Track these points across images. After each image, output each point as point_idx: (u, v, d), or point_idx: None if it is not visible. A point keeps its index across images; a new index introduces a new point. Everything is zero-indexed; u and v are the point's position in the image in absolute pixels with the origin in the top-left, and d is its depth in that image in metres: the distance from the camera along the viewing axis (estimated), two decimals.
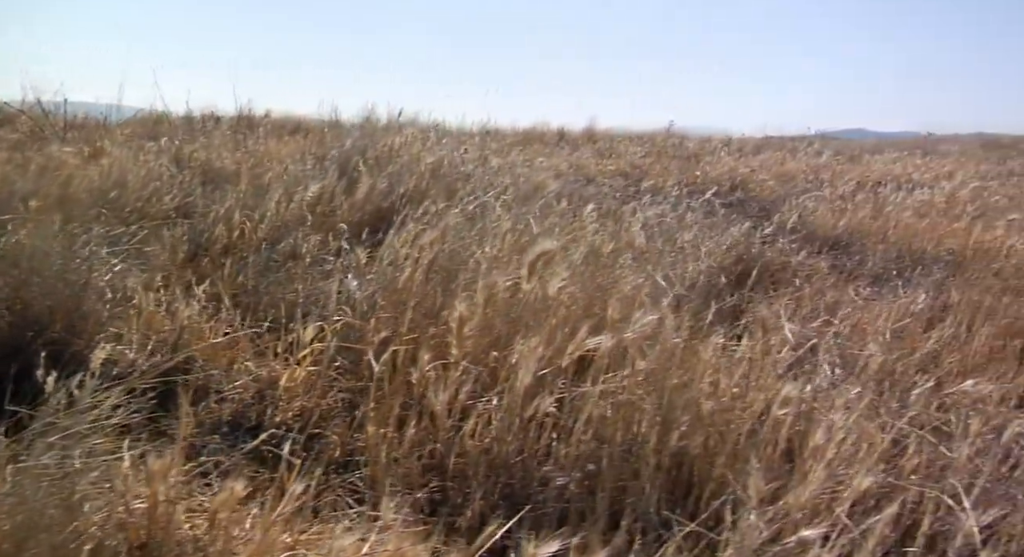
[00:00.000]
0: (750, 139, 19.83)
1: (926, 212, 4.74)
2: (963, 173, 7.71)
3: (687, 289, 2.52)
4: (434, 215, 2.49)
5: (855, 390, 1.62)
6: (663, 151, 9.60)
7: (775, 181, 6.37)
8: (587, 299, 1.91)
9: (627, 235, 2.84)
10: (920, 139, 16.99)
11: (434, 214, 2.50)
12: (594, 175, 6.57)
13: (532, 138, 13.39)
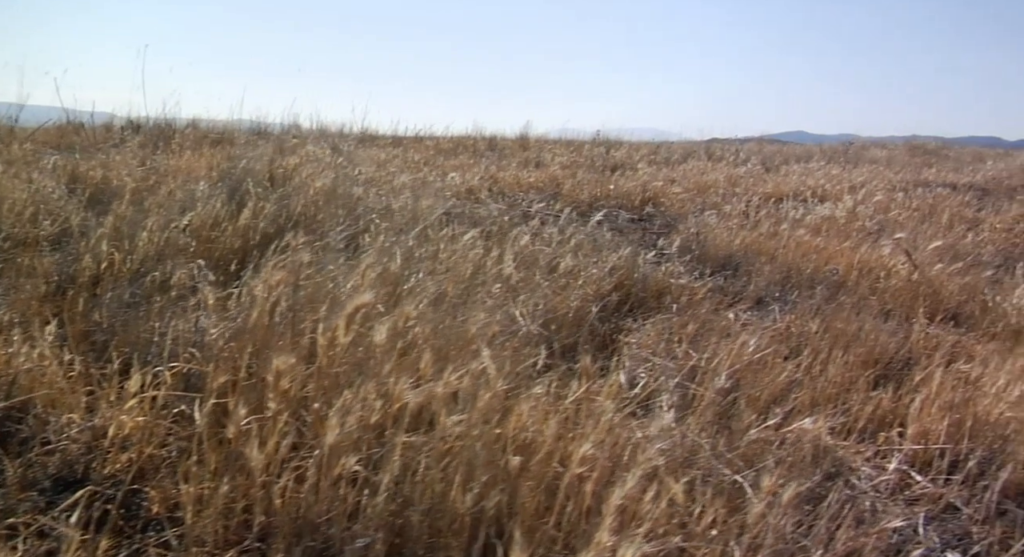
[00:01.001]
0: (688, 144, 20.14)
1: (824, 229, 4.82)
2: (875, 184, 7.85)
3: (552, 322, 2.52)
4: (294, 249, 2.44)
5: (677, 436, 1.63)
6: (589, 161, 9.63)
7: (689, 194, 6.42)
8: (427, 344, 1.88)
9: (500, 264, 2.82)
10: (847, 144, 17.34)
11: (294, 248, 2.44)
12: (510, 189, 6.55)
13: (465, 145, 13.37)
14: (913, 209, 6.05)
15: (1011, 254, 4.80)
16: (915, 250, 4.16)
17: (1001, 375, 2.23)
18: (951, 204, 6.51)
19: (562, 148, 12.43)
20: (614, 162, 9.71)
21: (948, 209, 6.15)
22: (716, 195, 6.40)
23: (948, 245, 4.43)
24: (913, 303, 3.21)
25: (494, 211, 4.66)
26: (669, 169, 9.21)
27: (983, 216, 5.99)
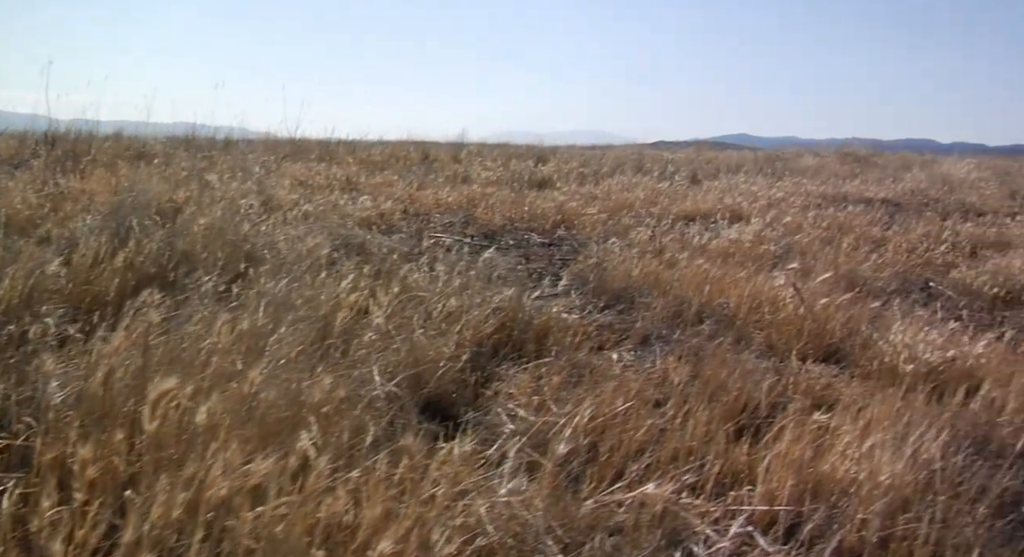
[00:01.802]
0: (630, 148, 20.35)
1: (727, 255, 4.86)
2: (793, 200, 7.97)
3: (419, 376, 2.48)
4: (149, 305, 2.35)
5: (506, 513, 1.60)
6: (516, 176, 9.61)
7: (605, 214, 6.43)
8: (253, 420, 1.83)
9: (376, 309, 2.77)
10: (774, 157, 17.60)
11: (149, 305, 2.35)
12: (428, 209, 6.49)
13: (398, 157, 13.25)
14: (823, 229, 6.14)
15: (908, 278, 4.90)
16: (811, 278, 4.22)
17: (859, 425, 2.26)
18: (861, 223, 6.63)
19: (493, 161, 12.41)
20: (541, 177, 9.71)
21: (856, 229, 6.26)
22: (632, 215, 6.42)
23: (846, 272, 4.50)
24: (797, 339, 3.25)
25: (395, 242, 4.60)
26: (594, 184, 9.25)
27: (890, 235, 6.10)
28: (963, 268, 5.08)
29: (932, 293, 4.63)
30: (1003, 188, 11.62)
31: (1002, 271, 4.82)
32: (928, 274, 5.08)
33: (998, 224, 7.03)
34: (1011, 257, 5.34)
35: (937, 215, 7.60)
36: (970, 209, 8.05)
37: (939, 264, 5.46)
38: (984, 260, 5.47)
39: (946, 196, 10.31)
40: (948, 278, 4.94)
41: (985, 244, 6.06)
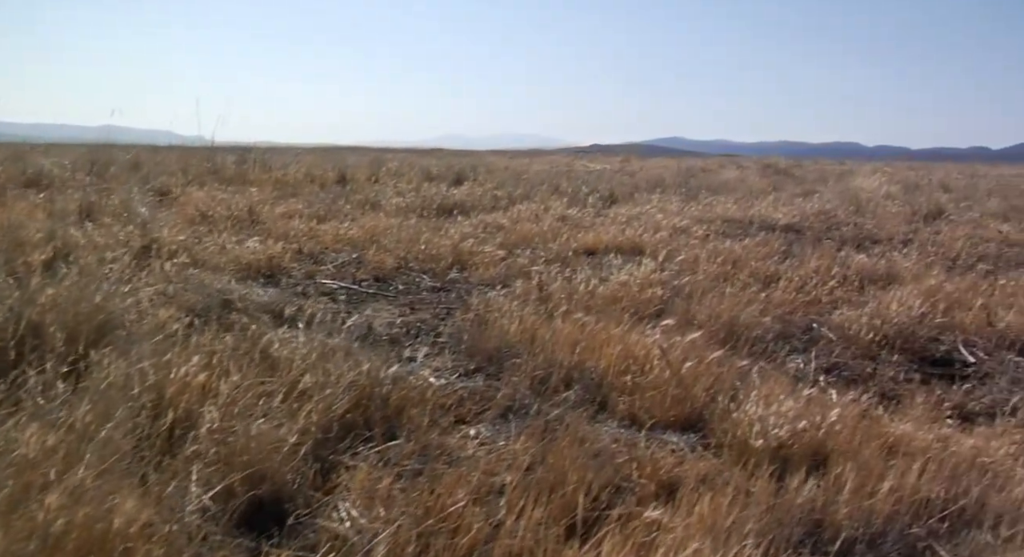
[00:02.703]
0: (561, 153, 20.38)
1: (615, 299, 4.86)
2: (696, 229, 8.05)
3: (252, 476, 2.39)
4: None
5: None
6: (426, 201, 9.55)
7: (504, 251, 6.41)
8: None
9: (214, 400, 2.67)
10: (701, 162, 17.87)
11: None
12: (327, 248, 6.39)
13: (314, 177, 13.08)
14: (718, 264, 6.21)
15: (792, 321, 4.95)
16: (692, 328, 4.25)
17: (689, 520, 2.25)
18: (758, 255, 6.73)
19: (408, 182, 12.33)
20: (452, 202, 9.67)
21: (752, 263, 6.34)
22: (531, 251, 6.42)
23: (728, 320, 4.52)
24: (660, 406, 3.24)
25: (273, 296, 4.48)
26: (504, 210, 9.24)
27: (783, 270, 6.19)
28: (844, 309, 5.16)
29: (813, 337, 4.70)
30: (906, 207, 11.96)
31: (880, 313, 4.91)
32: (813, 314, 5.15)
33: (889, 254, 7.21)
34: (892, 294, 5.45)
35: (835, 243, 7.77)
36: (868, 236, 8.25)
37: (827, 302, 5.55)
38: (870, 297, 5.57)
39: (852, 217, 10.58)
40: (831, 319, 5.02)
41: (874, 277, 6.20)
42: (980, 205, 13.33)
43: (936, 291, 5.54)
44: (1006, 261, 7.46)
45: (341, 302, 4.74)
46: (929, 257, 7.08)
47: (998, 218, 11.63)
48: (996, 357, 4.54)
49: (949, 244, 7.74)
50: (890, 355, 4.46)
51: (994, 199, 15.02)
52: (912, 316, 4.93)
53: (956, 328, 4.95)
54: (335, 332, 3.82)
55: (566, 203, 10.55)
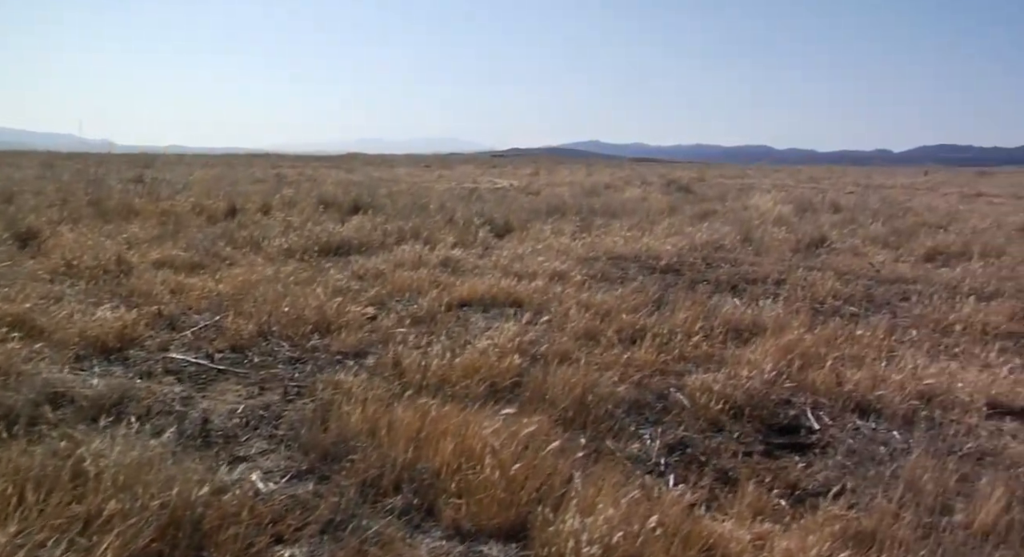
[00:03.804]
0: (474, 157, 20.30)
1: (473, 371, 4.80)
2: (575, 273, 8.09)
3: None
4: None
5: None
6: (314, 239, 9.40)
7: (376, 306, 6.33)
8: None
9: None
10: (605, 180, 18.08)
11: None
12: (190, 307, 6.20)
13: (204, 207, 12.72)
14: (589, 317, 6.23)
15: (647, 388, 4.98)
16: (543, 405, 4.25)
17: None
18: (632, 304, 6.79)
19: (300, 213, 12.13)
20: (340, 240, 9.53)
21: (623, 314, 6.39)
22: (406, 302, 6.35)
23: (579, 395, 4.53)
24: (488, 511, 3.21)
25: (107, 385, 4.29)
26: (389, 251, 9.16)
27: (652, 323, 6.24)
28: (701, 371, 5.24)
29: (667, 406, 4.75)
30: (792, 235, 12.27)
31: (731, 379, 4.99)
32: (673, 376, 5.21)
33: (760, 299, 7.37)
34: (750, 351, 5.56)
35: (711, 286, 7.91)
36: (744, 276, 8.42)
37: (692, 357, 5.63)
38: (730, 355, 5.65)
39: (738, 247, 10.82)
40: (689, 381, 5.06)
41: (740, 328, 6.32)
42: (864, 228, 13.82)
43: (794, 346, 5.67)
44: (872, 302, 7.71)
45: (187, 383, 4.59)
46: (797, 301, 7.25)
47: (878, 244, 12.08)
48: (840, 422, 4.67)
49: (820, 284, 7.96)
50: (738, 424, 4.54)
51: (879, 219, 15.60)
52: (765, 379, 5.04)
53: (808, 389, 5.08)
54: (166, 429, 3.68)
55: (457, 235, 10.53)
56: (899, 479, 3.78)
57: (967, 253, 11.32)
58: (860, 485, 3.81)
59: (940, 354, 6.04)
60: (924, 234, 13.37)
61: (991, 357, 5.94)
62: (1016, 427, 4.70)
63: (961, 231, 14.60)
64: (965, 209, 19.42)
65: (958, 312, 7.09)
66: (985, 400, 5.00)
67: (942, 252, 11.54)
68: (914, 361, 5.54)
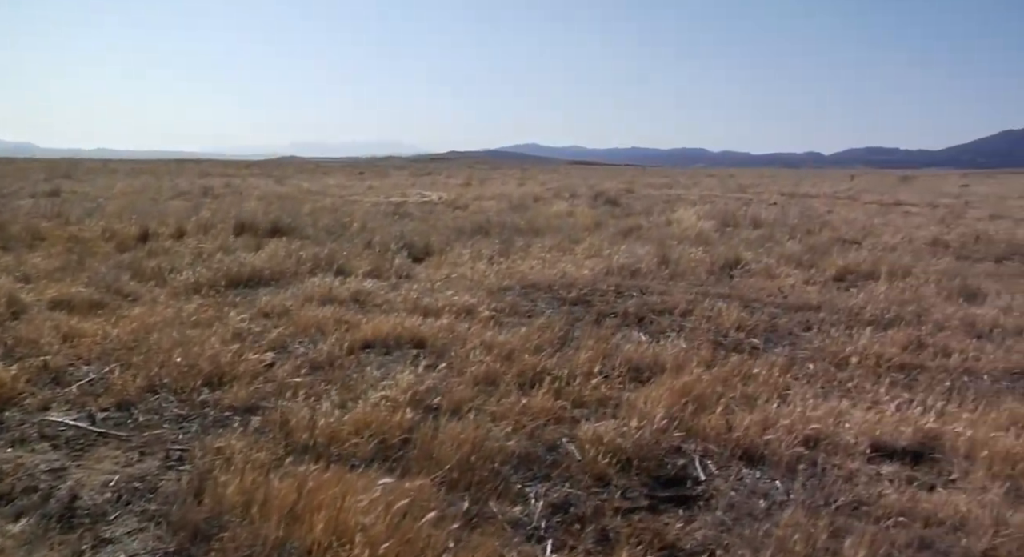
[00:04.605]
0: (413, 163, 20.20)
1: (364, 424, 4.76)
2: (484, 307, 8.07)
3: None
4: None
5: None
6: (220, 272, 9.23)
7: (276, 350, 6.23)
8: None
9: None
10: (534, 191, 18.10)
11: None
12: (79, 358, 6.01)
13: (114, 230, 12.39)
14: (492, 358, 6.21)
15: (539, 439, 4.96)
16: (428, 463, 4.22)
17: None
18: (537, 341, 6.79)
19: (214, 240, 11.92)
20: (252, 271, 9.38)
21: (527, 355, 6.38)
22: (309, 344, 6.25)
23: (465, 455, 4.52)
24: None
25: None
26: (300, 282, 9.04)
27: (554, 364, 6.24)
28: (594, 419, 5.27)
29: (557, 459, 4.76)
30: (711, 254, 12.45)
31: (620, 429, 5.03)
32: (567, 424, 5.21)
33: (665, 332, 7.46)
34: (645, 395, 5.60)
35: (619, 318, 7.98)
36: (653, 307, 8.50)
37: (592, 401, 5.66)
38: (625, 400, 5.68)
39: (654, 270, 10.94)
40: (582, 430, 5.07)
41: (640, 367, 6.38)
42: (780, 246, 14.10)
43: (691, 387, 5.73)
44: (776, 332, 7.85)
45: (63, 449, 4.44)
46: (701, 335, 7.37)
47: (792, 263, 12.32)
48: (726, 471, 4.73)
49: (725, 314, 8.08)
50: (626, 477, 4.57)
51: (797, 235, 15.95)
52: (656, 427, 5.08)
53: (699, 435, 5.14)
54: (28, 512, 3.57)
55: (374, 262, 10.46)
56: (771, 538, 3.85)
57: (875, 273, 11.62)
58: (735, 544, 3.87)
59: (834, 390, 6.16)
60: (837, 252, 13.69)
61: (881, 392, 6.06)
62: (895, 470, 4.81)
63: (874, 247, 15.03)
64: (881, 223, 19.98)
65: (855, 343, 7.26)
66: (869, 441, 5.11)
67: (852, 271, 11.82)
68: (804, 401, 5.65)
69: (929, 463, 4.98)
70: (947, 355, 7.23)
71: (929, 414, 5.56)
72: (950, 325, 8.42)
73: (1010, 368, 6.93)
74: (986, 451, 4.94)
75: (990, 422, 5.43)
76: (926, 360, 7.06)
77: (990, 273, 12.33)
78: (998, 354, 7.25)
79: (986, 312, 9.04)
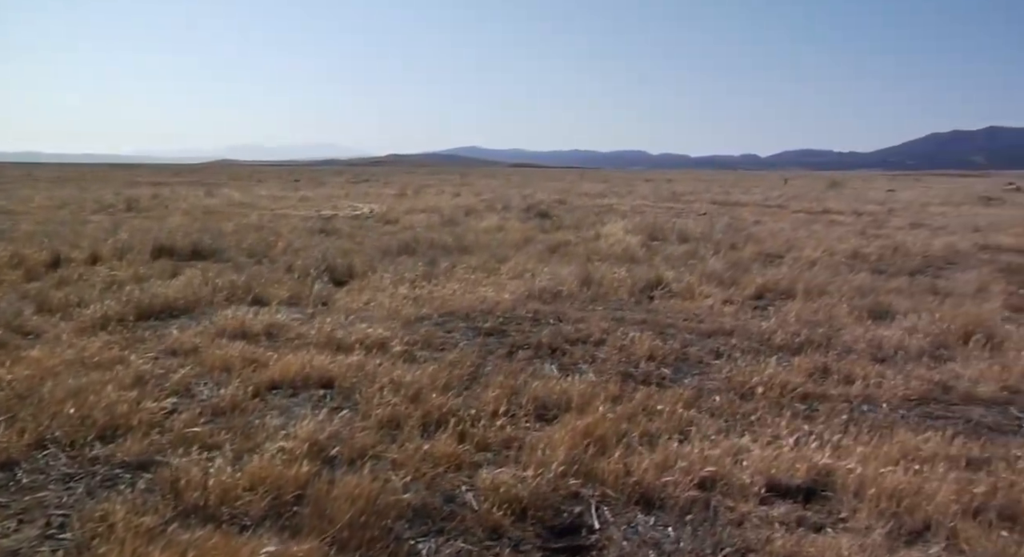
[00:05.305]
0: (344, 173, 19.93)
1: (259, 480, 4.69)
2: (397, 341, 8.02)
3: None
4: None
5: None
6: (129, 306, 9.02)
7: (180, 393, 6.11)
8: None
9: None
10: (467, 201, 18.04)
11: None
12: None
13: (22, 256, 12.02)
14: (399, 399, 6.17)
15: (437, 489, 4.94)
16: (322, 521, 4.18)
17: None
18: (447, 379, 6.79)
19: (128, 265, 11.64)
20: (163, 302, 9.19)
21: (435, 394, 6.37)
22: (214, 386, 6.12)
23: (362, 508, 4.49)
24: None
25: None
26: (216, 312, 8.88)
27: (461, 403, 6.23)
28: (495, 466, 5.27)
29: (455, 510, 4.74)
30: (634, 274, 12.55)
31: (523, 472, 5.04)
32: (468, 472, 5.19)
33: (578, 364, 7.52)
34: (548, 436, 5.62)
35: (532, 350, 8.01)
36: (568, 336, 8.53)
37: (495, 444, 5.65)
38: (531, 439, 5.68)
39: (576, 292, 11.00)
40: (481, 478, 5.05)
41: (548, 405, 6.40)
42: (703, 263, 14.29)
43: (594, 426, 5.77)
44: (687, 361, 7.95)
45: None
46: (612, 366, 7.44)
47: (713, 281, 12.50)
48: (621, 518, 4.76)
49: (639, 343, 8.17)
50: (520, 528, 4.58)
51: (721, 250, 16.20)
52: (555, 472, 5.09)
53: (599, 479, 5.17)
54: None
55: (293, 288, 10.34)
56: None
57: (793, 291, 11.87)
58: None
59: (737, 423, 6.23)
60: (758, 268, 13.96)
61: (782, 425, 6.15)
62: (786, 511, 4.89)
63: (796, 261, 15.34)
64: (805, 235, 20.42)
65: (761, 373, 7.38)
66: (764, 481, 5.18)
67: (771, 290, 12.06)
68: (705, 439, 5.72)
69: (821, 501, 5.08)
70: (850, 382, 7.40)
71: (825, 449, 5.68)
72: (857, 348, 8.64)
73: (908, 395, 7.12)
74: (874, 488, 5.06)
75: (881, 456, 5.57)
76: (829, 388, 7.21)
77: (902, 289, 12.66)
78: (898, 380, 7.44)
79: (892, 333, 9.28)
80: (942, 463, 5.50)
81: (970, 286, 12.95)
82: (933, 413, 6.77)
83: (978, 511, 4.83)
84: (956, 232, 22.74)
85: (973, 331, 9.25)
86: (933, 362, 8.26)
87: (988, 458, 5.71)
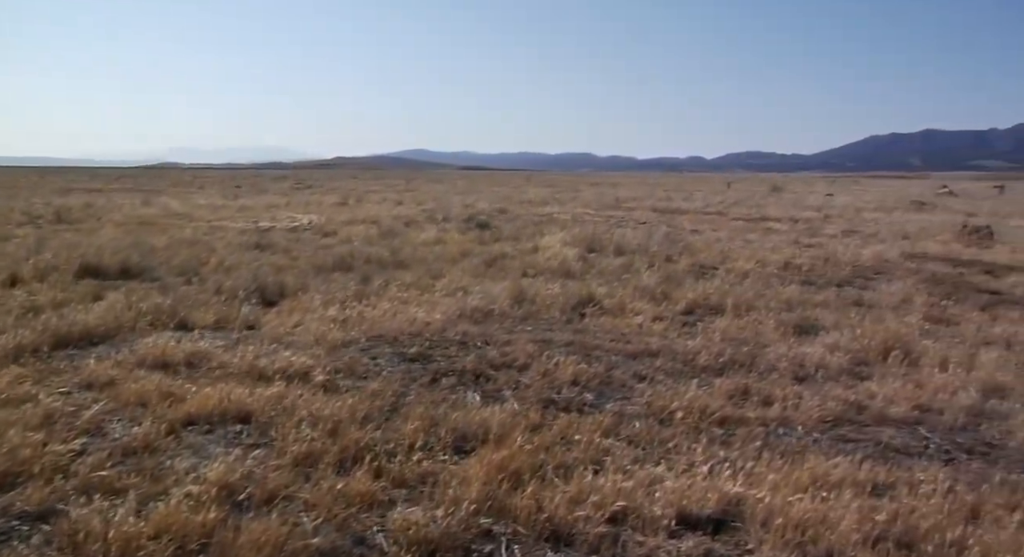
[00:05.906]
0: (288, 179, 19.63)
1: (165, 528, 4.62)
2: (319, 371, 7.96)
3: None
4: None
5: None
6: (45, 335, 8.79)
7: (89, 432, 5.99)
8: None
9: None
10: (418, 211, 17.97)
11: None
12: None
13: None
14: (318, 434, 6.12)
15: (348, 531, 4.89)
16: None
17: None
18: (365, 410, 6.76)
19: (51, 286, 11.37)
20: (82, 328, 8.98)
21: (353, 428, 6.34)
22: (128, 422, 6.01)
23: (271, 553, 4.47)
24: None
25: None
26: (138, 337, 8.71)
27: (379, 438, 6.21)
28: (409, 504, 5.26)
29: (365, 554, 4.73)
30: (567, 290, 12.60)
31: (435, 510, 5.04)
32: (380, 511, 5.17)
33: (501, 390, 7.54)
34: (464, 471, 5.63)
35: (455, 378, 8.00)
36: (493, 362, 8.51)
37: (412, 479, 5.62)
38: (447, 473, 5.67)
39: (507, 311, 11.02)
40: (394, 517, 5.04)
41: (466, 437, 6.37)
42: (637, 277, 14.44)
43: (511, 459, 5.78)
44: (610, 385, 7.98)
45: None
46: (535, 393, 7.47)
47: (645, 297, 12.62)
48: (532, 556, 4.81)
49: (563, 368, 8.21)
50: None
51: (656, 262, 16.36)
52: (468, 509, 5.10)
53: (512, 515, 5.18)
54: None
55: (220, 311, 10.19)
56: None
57: (722, 306, 12.04)
58: None
59: (654, 451, 6.30)
60: (691, 282, 14.12)
61: (698, 452, 6.23)
62: (694, 544, 4.95)
63: (729, 272, 15.57)
64: (740, 244, 20.77)
65: (682, 397, 7.47)
66: (675, 512, 5.23)
67: (701, 305, 12.21)
68: (620, 470, 5.77)
69: (730, 532, 5.16)
70: (768, 404, 7.52)
71: (738, 477, 5.76)
72: (780, 367, 8.80)
73: (823, 417, 7.27)
74: (781, 518, 5.15)
75: (792, 483, 5.68)
76: (748, 411, 7.31)
77: (829, 302, 12.92)
78: (815, 401, 7.59)
79: (815, 351, 9.47)
80: (848, 489, 5.63)
81: (894, 298, 13.30)
82: (846, 436, 6.92)
83: (878, 539, 4.94)
84: (886, 240, 23.34)
85: (892, 346, 9.49)
86: (851, 380, 8.47)
87: (893, 482, 5.86)
